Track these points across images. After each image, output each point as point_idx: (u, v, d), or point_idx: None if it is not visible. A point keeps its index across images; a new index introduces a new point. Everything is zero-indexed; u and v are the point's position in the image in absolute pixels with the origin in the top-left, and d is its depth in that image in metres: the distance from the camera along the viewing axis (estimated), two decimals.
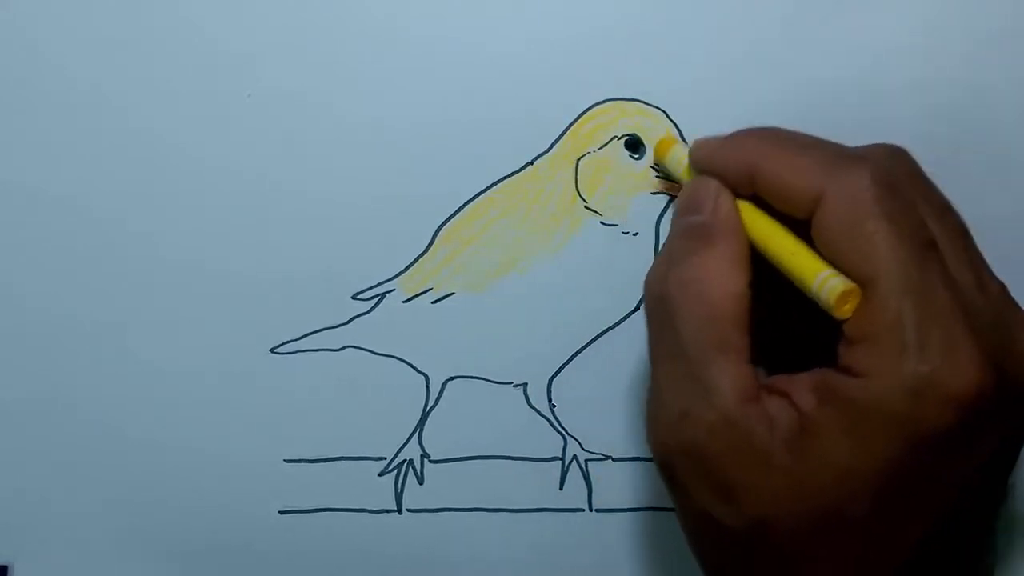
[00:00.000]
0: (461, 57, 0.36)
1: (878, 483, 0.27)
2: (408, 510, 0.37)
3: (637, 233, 0.36)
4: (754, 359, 0.29)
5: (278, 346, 0.37)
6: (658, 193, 0.36)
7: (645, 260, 0.36)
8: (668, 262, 0.31)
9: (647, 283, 0.31)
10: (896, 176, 0.29)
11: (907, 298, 0.27)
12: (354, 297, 0.36)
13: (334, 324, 0.36)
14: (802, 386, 0.28)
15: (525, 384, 0.37)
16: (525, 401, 0.37)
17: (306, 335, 0.36)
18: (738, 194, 0.31)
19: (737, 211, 0.31)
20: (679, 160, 0.34)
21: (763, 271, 0.30)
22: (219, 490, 0.37)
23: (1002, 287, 0.30)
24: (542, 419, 0.37)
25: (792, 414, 0.28)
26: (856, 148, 0.31)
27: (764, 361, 0.31)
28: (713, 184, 0.32)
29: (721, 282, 0.29)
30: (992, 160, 0.37)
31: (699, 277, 0.30)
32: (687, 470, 0.29)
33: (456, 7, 0.36)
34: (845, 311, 0.27)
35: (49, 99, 0.36)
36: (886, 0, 0.36)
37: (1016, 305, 0.30)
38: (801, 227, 0.30)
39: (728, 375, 0.28)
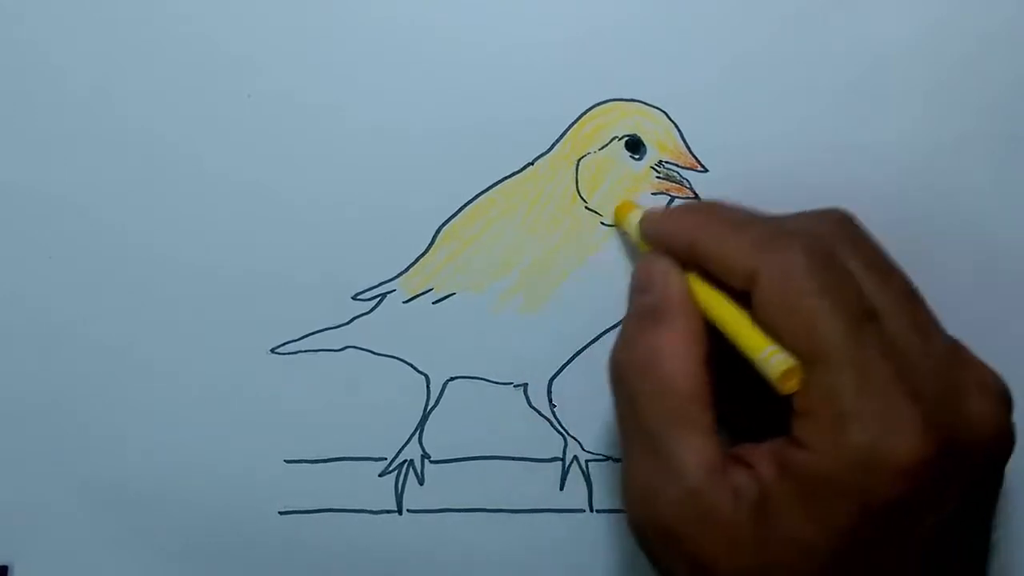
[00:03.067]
0: (461, 57, 0.36)
1: (835, 555, 0.27)
2: (408, 511, 0.37)
3: None
4: (726, 425, 0.30)
5: (278, 346, 0.37)
6: (658, 194, 0.36)
7: None
8: (625, 340, 0.31)
9: (610, 363, 0.32)
10: (832, 247, 0.30)
11: (844, 372, 0.27)
12: (355, 297, 0.36)
13: (335, 324, 0.36)
14: (764, 456, 0.28)
15: (525, 384, 0.37)
16: (525, 401, 0.37)
17: (307, 335, 0.36)
18: (688, 267, 0.32)
19: (686, 288, 0.31)
20: (636, 229, 0.34)
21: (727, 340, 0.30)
22: (219, 490, 0.37)
23: (952, 347, 0.30)
24: (542, 419, 0.37)
25: (755, 485, 0.28)
26: (794, 218, 0.32)
27: (733, 427, 0.31)
28: (662, 262, 0.32)
29: (673, 361, 0.30)
30: (993, 161, 0.37)
31: (652, 358, 0.30)
32: (660, 545, 0.29)
33: (457, 8, 0.36)
34: (789, 387, 0.28)
35: (49, 100, 0.36)
36: (886, 0, 0.36)
37: (968, 363, 0.30)
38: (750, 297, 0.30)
39: (691, 450, 0.29)
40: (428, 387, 0.37)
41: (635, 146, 0.36)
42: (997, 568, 0.37)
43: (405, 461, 0.37)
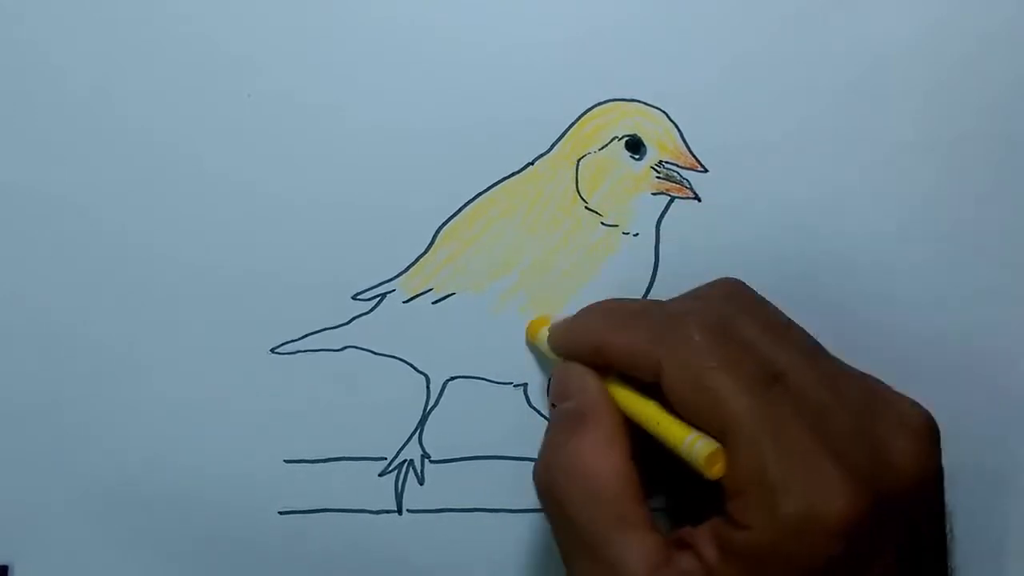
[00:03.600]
0: (462, 58, 0.36)
1: None
2: (408, 510, 0.37)
3: (638, 234, 0.36)
4: (667, 509, 0.30)
5: (278, 346, 0.37)
6: (658, 194, 0.36)
7: (645, 261, 0.36)
8: (547, 452, 0.31)
9: (534, 477, 0.32)
10: (727, 319, 0.30)
11: (761, 444, 0.27)
12: (355, 297, 0.36)
13: (335, 324, 0.36)
14: (704, 538, 0.28)
15: (525, 384, 0.37)
16: (525, 401, 0.37)
17: (306, 335, 0.36)
18: (603, 371, 0.32)
19: (604, 390, 0.32)
20: (547, 344, 0.35)
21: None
22: (219, 490, 0.37)
23: (866, 387, 0.30)
24: (542, 419, 0.37)
25: (701, 570, 0.28)
26: (685, 298, 0.32)
27: (675, 510, 0.32)
28: (577, 368, 0.32)
29: (600, 463, 0.30)
30: (992, 161, 0.37)
31: (578, 463, 0.30)
32: None
33: (457, 8, 0.36)
34: (716, 471, 0.28)
35: (49, 100, 0.36)
36: (886, 0, 0.36)
37: (885, 401, 0.30)
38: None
39: (631, 550, 0.29)
40: (428, 387, 0.37)
41: (635, 146, 0.36)
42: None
43: (405, 461, 0.37)
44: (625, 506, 0.29)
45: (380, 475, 0.37)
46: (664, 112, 0.36)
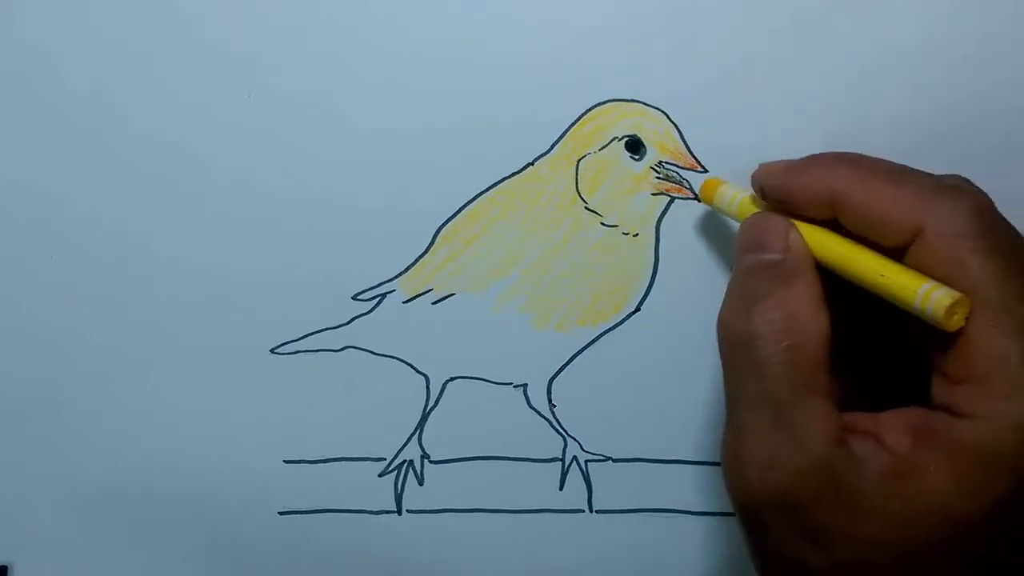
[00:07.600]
0: (462, 58, 0.36)
1: (984, 524, 0.26)
2: (408, 511, 0.37)
3: (637, 234, 0.36)
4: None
5: (278, 346, 0.37)
6: (658, 194, 0.36)
7: (646, 261, 0.36)
8: (745, 301, 0.29)
9: (723, 323, 0.30)
10: (992, 208, 0.28)
11: (1013, 336, 0.26)
12: (355, 298, 0.36)
13: (334, 324, 0.36)
14: (892, 426, 0.28)
15: (525, 385, 0.37)
16: (525, 402, 0.37)
17: (306, 335, 0.37)
18: (798, 218, 0.30)
19: (807, 247, 0.30)
20: (731, 198, 0.33)
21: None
22: (219, 490, 0.37)
23: None
24: (542, 420, 0.37)
25: (883, 456, 0.27)
26: (947, 178, 0.30)
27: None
28: (780, 220, 0.31)
29: (807, 322, 0.28)
30: (992, 161, 0.37)
31: (784, 317, 0.29)
32: (775, 517, 0.28)
33: (457, 8, 0.36)
34: (955, 322, 0.26)
35: (49, 101, 0.36)
36: (886, 0, 0.36)
37: None
38: (875, 249, 0.29)
39: (818, 417, 0.28)
40: (428, 387, 0.37)
41: (635, 146, 0.36)
42: None
43: (405, 461, 0.37)
44: (819, 372, 0.28)
45: (380, 475, 0.37)
46: (664, 112, 0.36)
